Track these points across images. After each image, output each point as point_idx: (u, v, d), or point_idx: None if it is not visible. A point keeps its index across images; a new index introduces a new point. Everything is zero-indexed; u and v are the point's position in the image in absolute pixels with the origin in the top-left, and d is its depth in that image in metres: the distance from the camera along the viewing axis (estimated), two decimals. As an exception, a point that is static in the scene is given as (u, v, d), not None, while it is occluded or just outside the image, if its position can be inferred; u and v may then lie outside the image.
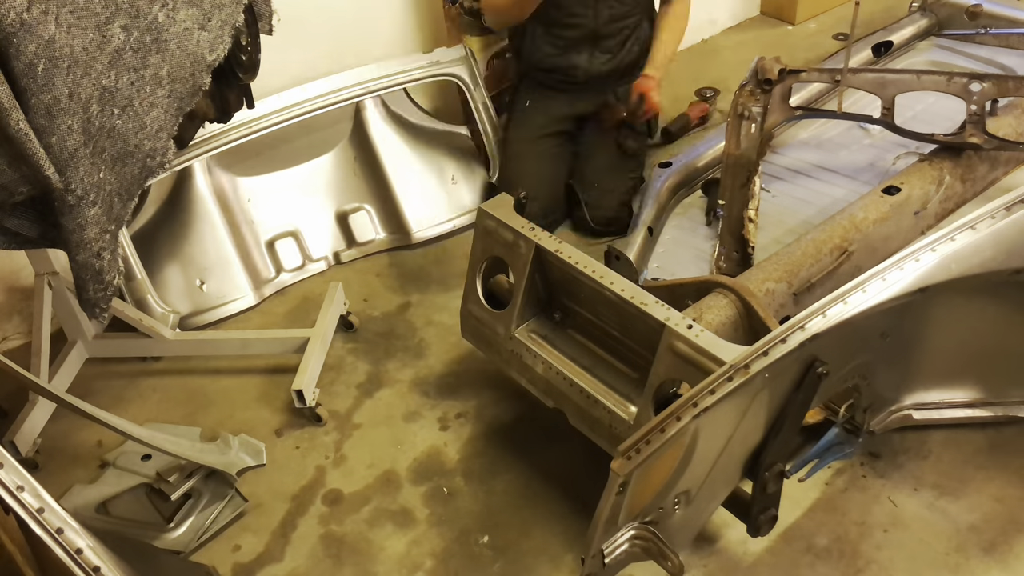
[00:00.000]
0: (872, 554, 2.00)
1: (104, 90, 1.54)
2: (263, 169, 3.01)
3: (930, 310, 1.85)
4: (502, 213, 2.09)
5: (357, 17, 3.16)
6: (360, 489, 2.29)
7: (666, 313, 1.74)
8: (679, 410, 1.49)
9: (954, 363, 2.06)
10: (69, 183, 1.47)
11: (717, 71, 4.00)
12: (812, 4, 4.37)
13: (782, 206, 2.89)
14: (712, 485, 1.70)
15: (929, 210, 2.55)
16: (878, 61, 3.52)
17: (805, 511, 2.11)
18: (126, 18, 1.58)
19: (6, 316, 2.83)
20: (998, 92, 2.56)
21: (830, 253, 2.34)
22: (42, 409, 2.44)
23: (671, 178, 2.99)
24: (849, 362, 1.79)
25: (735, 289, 2.00)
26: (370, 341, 2.75)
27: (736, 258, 2.67)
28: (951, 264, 1.66)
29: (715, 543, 2.05)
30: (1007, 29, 3.50)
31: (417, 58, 3.03)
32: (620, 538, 1.64)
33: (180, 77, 1.76)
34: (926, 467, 2.18)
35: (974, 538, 2.01)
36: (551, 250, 1.97)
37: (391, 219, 3.12)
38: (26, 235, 1.57)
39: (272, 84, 2.61)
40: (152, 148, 1.73)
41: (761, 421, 1.67)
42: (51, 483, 2.36)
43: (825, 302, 1.59)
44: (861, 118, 2.80)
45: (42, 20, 1.36)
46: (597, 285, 1.87)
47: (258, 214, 2.99)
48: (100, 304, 1.67)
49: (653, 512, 1.64)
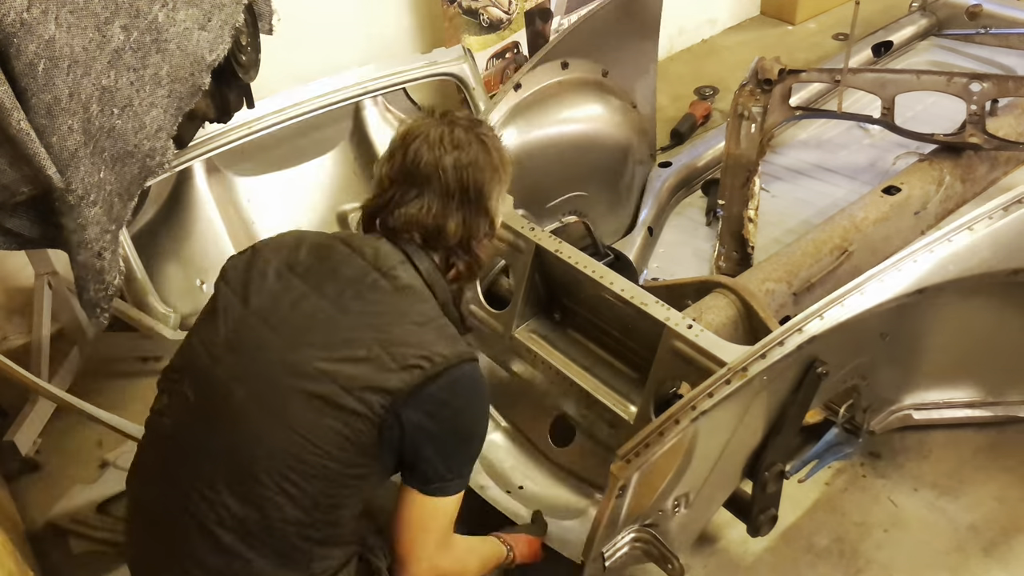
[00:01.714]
0: (872, 554, 2.00)
1: (104, 90, 1.54)
2: (263, 169, 3.01)
3: (929, 311, 1.85)
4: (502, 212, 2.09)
5: (357, 17, 3.16)
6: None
7: (666, 313, 1.74)
8: (678, 413, 1.49)
9: (953, 363, 2.06)
10: (70, 183, 1.47)
11: (717, 71, 4.00)
12: (812, 4, 4.37)
13: (782, 206, 2.89)
14: (712, 487, 1.70)
15: (929, 210, 2.55)
16: (878, 61, 3.52)
17: (805, 511, 2.11)
18: (126, 18, 1.58)
19: (6, 316, 2.83)
20: (998, 92, 2.56)
21: (830, 253, 2.34)
22: (42, 409, 2.44)
23: (671, 178, 2.99)
24: (848, 363, 1.79)
25: (735, 289, 2.00)
26: (370, 341, 2.75)
27: (736, 258, 2.67)
28: (949, 265, 1.66)
29: (715, 543, 2.05)
30: (1007, 29, 3.50)
31: (416, 58, 3.02)
32: (620, 541, 1.64)
33: (180, 77, 1.76)
34: (926, 467, 2.18)
35: (974, 538, 2.01)
36: (551, 250, 1.96)
37: (391, 219, 3.11)
38: (27, 235, 1.57)
39: (272, 84, 2.61)
40: (152, 148, 1.73)
41: (761, 422, 1.67)
42: (51, 483, 2.37)
43: (823, 304, 1.59)
44: (861, 118, 2.80)
45: (42, 20, 1.36)
46: (597, 285, 1.87)
47: (258, 214, 2.98)
48: (101, 304, 1.67)
49: (653, 515, 1.64)
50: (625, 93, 2.68)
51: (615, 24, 2.58)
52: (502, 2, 3.29)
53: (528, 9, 3.38)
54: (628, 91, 2.70)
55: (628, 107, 2.70)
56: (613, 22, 2.57)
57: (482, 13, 3.25)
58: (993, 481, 2.13)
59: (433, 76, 3.02)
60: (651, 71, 2.83)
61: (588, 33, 2.48)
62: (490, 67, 3.39)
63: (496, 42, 3.35)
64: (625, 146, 2.69)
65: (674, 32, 4.20)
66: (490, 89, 3.27)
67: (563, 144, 2.43)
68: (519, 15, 3.36)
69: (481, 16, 3.25)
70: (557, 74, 2.43)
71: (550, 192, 2.38)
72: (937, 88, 2.63)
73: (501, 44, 3.37)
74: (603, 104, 2.58)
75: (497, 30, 3.33)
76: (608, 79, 2.59)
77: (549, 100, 2.39)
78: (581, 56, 2.48)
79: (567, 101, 2.46)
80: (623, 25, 2.62)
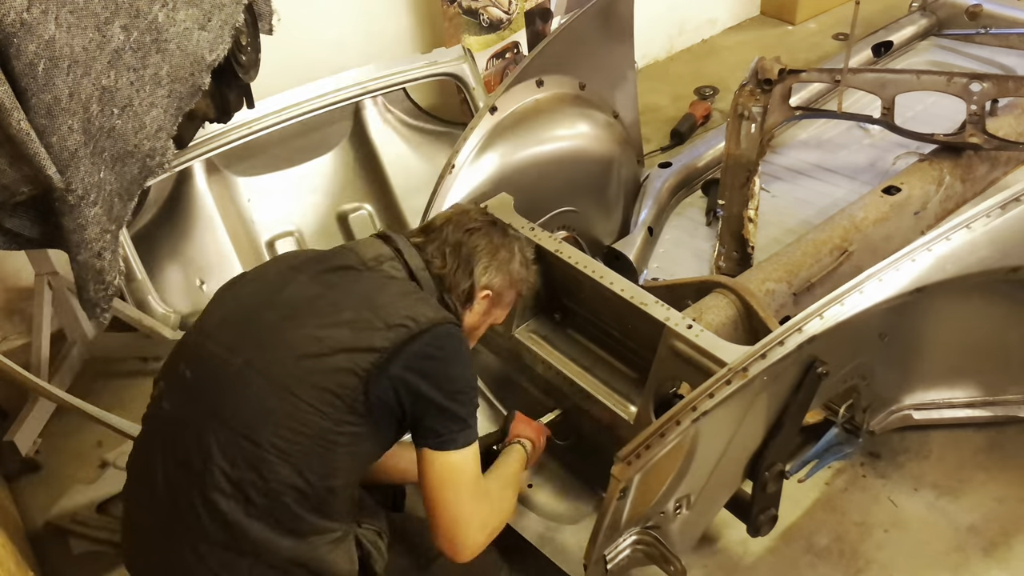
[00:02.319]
0: (872, 554, 2.00)
1: (104, 90, 1.54)
2: (263, 169, 3.01)
3: (928, 310, 1.85)
4: (502, 213, 2.09)
5: (357, 17, 3.16)
6: (360, 489, 2.29)
7: (666, 313, 1.74)
8: (679, 414, 1.49)
9: (953, 363, 2.06)
10: (70, 183, 1.47)
11: (717, 71, 4.00)
12: (812, 4, 4.37)
13: (782, 206, 2.89)
14: (713, 488, 1.70)
15: (929, 210, 2.55)
16: (878, 61, 3.52)
17: (805, 511, 2.11)
18: (126, 18, 1.58)
19: (6, 316, 2.83)
20: (998, 92, 2.56)
21: (830, 253, 2.34)
22: (42, 409, 2.44)
23: (671, 178, 2.99)
24: (848, 363, 1.79)
25: (735, 289, 2.00)
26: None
27: (736, 258, 2.67)
28: (947, 264, 1.66)
29: (715, 543, 2.05)
30: (1007, 29, 3.50)
31: (416, 58, 3.03)
32: (622, 543, 1.64)
33: (180, 77, 1.76)
34: (926, 467, 2.18)
35: (974, 538, 2.01)
36: (551, 250, 1.97)
37: (391, 219, 3.11)
38: (27, 235, 1.57)
39: (272, 84, 2.61)
40: (151, 148, 1.73)
41: (761, 422, 1.67)
42: (51, 483, 2.36)
43: (822, 304, 1.59)
44: (861, 118, 2.80)
45: (42, 20, 1.36)
46: (597, 285, 1.87)
47: (258, 214, 2.99)
48: (101, 304, 1.67)
49: (655, 517, 1.64)
50: (605, 103, 2.67)
51: (589, 34, 2.55)
52: (502, 2, 3.29)
53: (528, 9, 3.38)
54: (608, 101, 2.68)
55: (609, 118, 2.67)
56: (587, 33, 2.54)
57: (482, 13, 3.25)
58: (993, 481, 2.13)
59: (433, 76, 3.02)
60: (629, 77, 2.80)
61: (562, 48, 2.45)
62: (490, 67, 3.39)
63: (496, 42, 3.35)
64: (609, 158, 2.67)
65: (674, 32, 4.20)
66: (490, 89, 3.27)
67: (547, 162, 2.42)
68: (519, 15, 3.36)
69: (481, 16, 3.25)
70: (532, 92, 2.40)
71: (539, 210, 2.37)
72: (937, 88, 2.63)
73: (501, 44, 3.37)
74: (583, 118, 2.56)
75: (497, 30, 3.33)
76: (586, 91, 2.56)
77: (527, 120, 2.37)
78: (556, 72, 2.45)
79: (546, 119, 2.43)
80: (597, 34, 2.59)
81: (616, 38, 2.69)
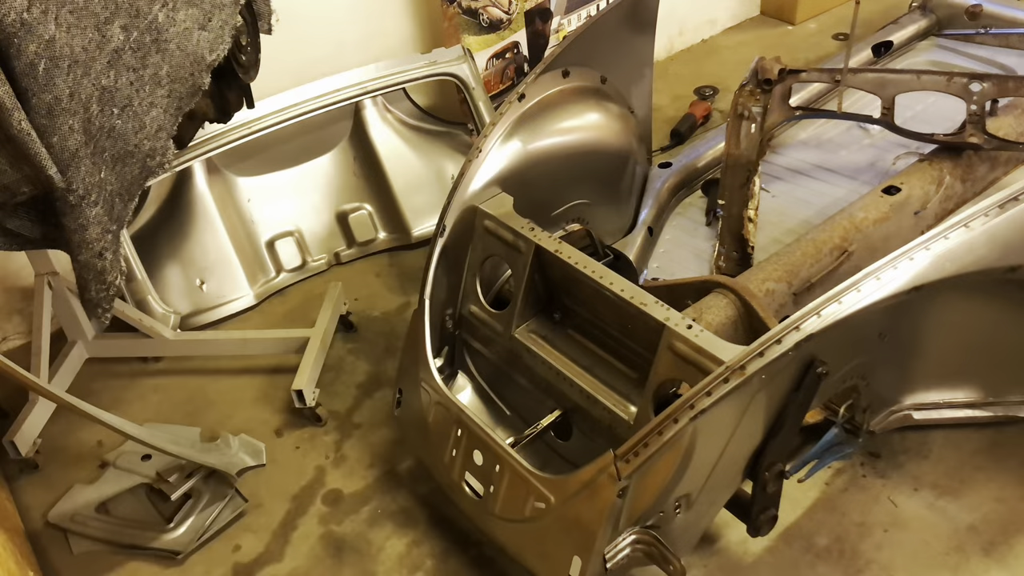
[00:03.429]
0: (872, 554, 2.00)
1: (104, 90, 1.54)
2: (263, 169, 3.01)
3: (927, 309, 1.85)
4: (502, 213, 2.10)
5: (356, 17, 3.16)
6: (360, 489, 2.29)
7: (666, 313, 1.74)
8: (676, 412, 1.49)
9: (953, 363, 2.06)
10: (71, 183, 1.47)
11: (717, 71, 4.00)
12: (812, 4, 4.37)
13: (782, 206, 2.89)
14: (713, 488, 1.70)
15: (929, 210, 2.55)
16: (878, 61, 3.52)
17: (805, 511, 2.11)
18: (126, 18, 1.58)
19: (6, 316, 2.83)
20: (998, 92, 2.56)
21: (830, 253, 2.34)
22: (42, 409, 2.44)
23: (671, 178, 2.99)
24: (848, 362, 1.79)
25: (735, 289, 2.00)
26: (370, 341, 2.75)
27: (736, 258, 2.68)
28: (945, 263, 1.66)
29: (715, 543, 2.05)
30: (1007, 29, 3.50)
31: (416, 58, 3.03)
32: (622, 543, 1.64)
33: (180, 77, 1.76)
34: (926, 467, 2.18)
35: (974, 538, 2.01)
36: (551, 250, 1.97)
37: (391, 219, 3.12)
38: (28, 236, 1.57)
39: (272, 84, 2.61)
40: (152, 148, 1.73)
41: (761, 422, 1.67)
42: (51, 483, 2.37)
43: (820, 302, 1.59)
44: (861, 118, 2.80)
45: (42, 20, 1.36)
46: (597, 285, 1.87)
47: (258, 214, 2.99)
48: (102, 304, 1.67)
49: (654, 516, 1.64)
50: (623, 98, 2.68)
51: (615, 29, 2.57)
52: (502, 2, 3.29)
53: (528, 9, 3.38)
54: (625, 96, 2.70)
55: (626, 113, 2.69)
56: (613, 28, 2.56)
57: (482, 13, 3.25)
58: (993, 481, 2.13)
59: (433, 76, 3.03)
60: (646, 75, 2.82)
61: (590, 40, 2.47)
62: (490, 67, 3.39)
63: (496, 42, 3.35)
64: (625, 152, 2.69)
65: (674, 32, 4.20)
66: (490, 89, 3.27)
67: (566, 153, 2.43)
68: (519, 15, 3.37)
69: (481, 16, 3.25)
70: (559, 83, 2.43)
71: (554, 201, 2.39)
72: (937, 88, 2.62)
73: (501, 44, 3.37)
74: (602, 111, 2.58)
75: (497, 30, 3.33)
76: (606, 85, 2.59)
77: (550, 109, 2.39)
78: (581, 64, 2.48)
79: (568, 110, 2.45)
80: (622, 30, 2.60)
81: (639, 35, 2.71)
